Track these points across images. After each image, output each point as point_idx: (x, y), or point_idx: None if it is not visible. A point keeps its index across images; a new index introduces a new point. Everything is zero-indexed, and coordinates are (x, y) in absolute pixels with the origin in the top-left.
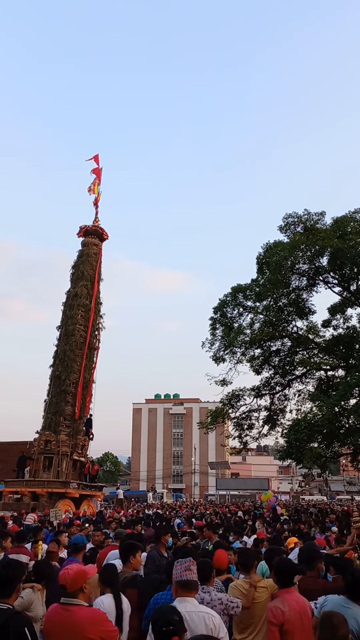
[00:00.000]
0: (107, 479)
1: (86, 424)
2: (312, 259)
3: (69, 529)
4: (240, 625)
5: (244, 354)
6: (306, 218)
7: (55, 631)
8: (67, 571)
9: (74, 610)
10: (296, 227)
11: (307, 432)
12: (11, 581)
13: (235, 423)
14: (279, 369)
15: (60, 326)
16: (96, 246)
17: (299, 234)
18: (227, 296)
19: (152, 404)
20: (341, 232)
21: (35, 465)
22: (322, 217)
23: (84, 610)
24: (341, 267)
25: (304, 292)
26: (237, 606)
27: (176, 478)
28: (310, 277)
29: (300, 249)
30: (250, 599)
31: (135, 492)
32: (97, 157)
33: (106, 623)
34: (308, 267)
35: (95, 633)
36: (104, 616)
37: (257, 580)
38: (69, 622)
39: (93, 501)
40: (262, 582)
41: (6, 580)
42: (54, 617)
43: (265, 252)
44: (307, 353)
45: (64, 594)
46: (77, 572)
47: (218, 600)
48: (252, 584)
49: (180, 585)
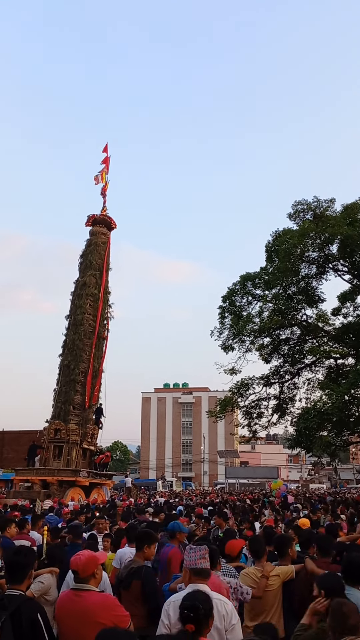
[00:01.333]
0: (117, 468)
1: (96, 412)
2: (321, 246)
3: (77, 516)
4: (252, 612)
5: (253, 343)
6: (315, 205)
7: (67, 616)
8: (79, 557)
9: (85, 595)
10: (305, 214)
11: (316, 420)
12: (22, 567)
13: (245, 412)
14: (288, 357)
15: (69, 315)
16: (104, 235)
17: (308, 222)
18: (236, 285)
19: (161, 393)
20: (351, 219)
21: (45, 453)
22: (331, 204)
23: (95, 596)
24: (351, 254)
25: (313, 280)
26: (246, 592)
27: (185, 467)
28: (319, 264)
29: (310, 236)
30: (262, 588)
31: (145, 480)
32: (106, 147)
33: (117, 608)
34: (317, 254)
35: (106, 618)
36: (116, 601)
37: (269, 570)
38: (80, 608)
39: (103, 489)
40: (275, 571)
41: (17, 567)
42: (66, 603)
43: (274, 240)
44: (316, 341)
45: (76, 579)
46: (89, 557)
47: (227, 584)
48: (264, 574)
49: (194, 572)
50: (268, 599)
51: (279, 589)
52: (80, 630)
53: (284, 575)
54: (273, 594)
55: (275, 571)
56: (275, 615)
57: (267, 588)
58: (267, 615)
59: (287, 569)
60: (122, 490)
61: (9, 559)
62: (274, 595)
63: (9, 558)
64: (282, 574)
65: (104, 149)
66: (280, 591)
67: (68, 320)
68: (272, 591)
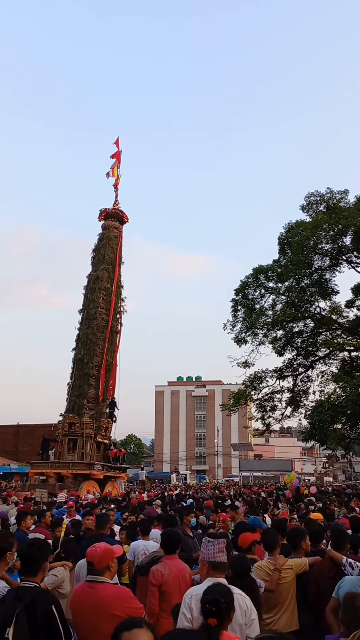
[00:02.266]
0: (131, 461)
1: (109, 406)
2: (335, 238)
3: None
4: (267, 605)
5: (266, 336)
6: (329, 197)
7: (81, 608)
8: (95, 549)
9: (100, 587)
10: (318, 206)
11: (330, 413)
12: (36, 560)
13: (258, 405)
14: (301, 350)
15: (82, 310)
16: (116, 229)
17: (321, 213)
18: (249, 277)
19: (175, 387)
20: None
21: (59, 447)
22: (345, 196)
23: (110, 588)
24: None
25: (326, 272)
26: (260, 586)
27: (199, 460)
28: (333, 256)
29: (323, 228)
30: (275, 582)
31: (159, 473)
32: (117, 141)
33: (132, 600)
34: (331, 246)
35: (121, 610)
36: (130, 593)
37: (281, 563)
38: (95, 600)
39: (117, 482)
40: (288, 563)
41: (32, 559)
42: (81, 595)
43: (287, 232)
44: (330, 334)
45: (91, 572)
46: (105, 550)
47: None
48: (277, 567)
49: (212, 566)
50: (282, 592)
51: (292, 582)
52: (95, 622)
53: (297, 567)
54: (287, 587)
55: (288, 564)
56: (290, 607)
57: (281, 581)
58: (281, 607)
59: (300, 561)
60: (136, 483)
61: (23, 552)
62: (287, 588)
63: (22, 550)
64: (296, 567)
65: (115, 143)
66: (294, 584)
67: (81, 314)
68: (285, 584)
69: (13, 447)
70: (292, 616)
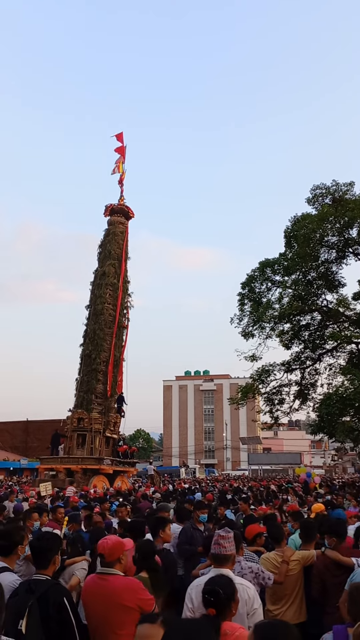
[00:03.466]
0: (140, 456)
1: (118, 401)
2: (341, 230)
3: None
4: (274, 597)
5: (273, 329)
6: (334, 189)
7: (92, 599)
8: (106, 541)
9: (111, 579)
10: (324, 198)
11: (339, 406)
12: (46, 552)
13: (266, 398)
14: (309, 343)
15: (89, 305)
16: (122, 225)
17: (327, 206)
18: (255, 271)
19: (183, 381)
20: None
21: (69, 442)
22: (351, 188)
23: (120, 579)
24: None
25: (333, 265)
26: (268, 578)
27: (208, 453)
28: (339, 249)
29: (329, 220)
30: (283, 574)
31: (168, 467)
32: (121, 135)
33: (142, 591)
34: (337, 239)
35: (132, 601)
36: (140, 585)
37: (289, 555)
38: (106, 591)
39: (126, 477)
40: (295, 555)
41: (41, 552)
42: (92, 587)
43: (293, 225)
44: (337, 326)
45: (102, 564)
46: (115, 542)
47: (248, 568)
48: (285, 560)
49: (212, 558)
50: (289, 584)
51: (299, 574)
52: (106, 613)
53: (305, 560)
54: (294, 579)
55: (296, 556)
56: (297, 599)
57: (288, 573)
58: (288, 599)
59: (308, 553)
60: (145, 477)
61: (33, 545)
62: (294, 580)
63: (33, 544)
64: (303, 559)
65: (119, 138)
66: (301, 576)
67: (88, 310)
68: (292, 576)
69: (22, 442)
70: (300, 608)
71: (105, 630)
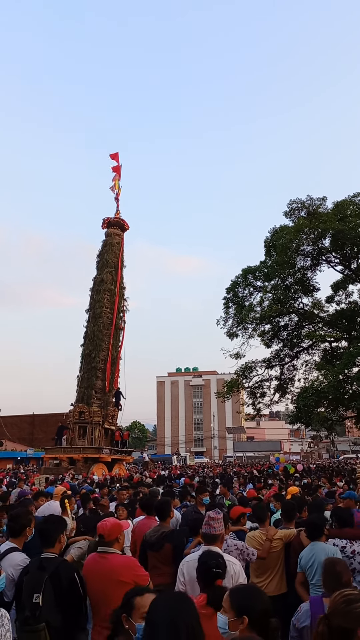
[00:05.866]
0: (136, 445)
1: (115, 395)
2: (315, 240)
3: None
4: (258, 571)
5: (255, 330)
6: (309, 203)
7: (93, 577)
8: (105, 523)
9: (110, 557)
10: (300, 212)
11: (314, 398)
12: (51, 532)
13: (249, 392)
14: (287, 342)
15: (89, 309)
16: (118, 236)
17: (302, 218)
18: (238, 277)
19: (174, 377)
20: (342, 215)
21: (71, 434)
22: (323, 202)
23: (119, 558)
24: (342, 247)
25: (308, 272)
26: (252, 554)
27: (197, 442)
28: (314, 257)
29: (304, 232)
30: (267, 551)
31: (161, 455)
32: (117, 155)
33: (138, 568)
34: (312, 248)
35: (129, 577)
36: (136, 562)
37: (272, 533)
38: (105, 569)
39: (124, 464)
40: (278, 534)
41: (47, 532)
42: (93, 565)
43: (272, 235)
44: (312, 327)
45: (102, 543)
46: (114, 524)
47: (234, 546)
48: (269, 538)
49: (202, 537)
50: (272, 560)
51: (281, 551)
52: (106, 589)
53: (286, 538)
54: (276, 555)
55: (279, 534)
56: (279, 573)
57: (272, 550)
58: (271, 573)
59: (289, 532)
60: (140, 465)
61: (40, 527)
62: (277, 556)
63: (39, 526)
64: (285, 537)
65: (115, 158)
66: (282, 552)
67: (88, 313)
68: (275, 552)
69: (29, 434)
70: (281, 580)
71: (105, 604)
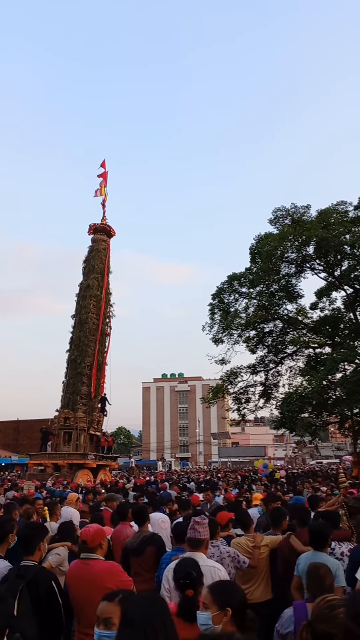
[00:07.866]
0: (121, 451)
1: (101, 401)
2: (299, 248)
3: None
4: (244, 578)
5: (240, 336)
6: (293, 211)
7: (77, 583)
8: (88, 529)
9: (93, 563)
10: (284, 219)
11: (298, 403)
12: (30, 539)
13: (234, 397)
14: (272, 348)
15: (75, 315)
16: (105, 242)
17: (287, 226)
18: (224, 284)
19: (160, 383)
20: (325, 223)
21: (56, 439)
22: (307, 210)
23: (102, 563)
24: (326, 254)
25: (292, 278)
26: (243, 562)
27: (183, 448)
28: (298, 264)
29: (289, 239)
30: (256, 559)
31: (147, 461)
32: (104, 163)
33: (122, 574)
34: (296, 255)
35: (113, 583)
36: (119, 568)
37: (259, 540)
38: (89, 575)
39: (109, 470)
40: (264, 541)
41: (27, 539)
42: (76, 571)
43: (257, 243)
44: (297, 333)
45: (85, 550)
46: (97, 530)
47: (227, 553)
48: (256, 545)
49: (187, 542)
50: (259, 566)
51: (267, 557)
52: (90, 594)
53: (272, 544)
54: (263, 562)
55: (265, 541)
56: (264, 580)
57: (259, 557)
58: (257, 580)
59: (275, 538)
60: (125, 470)
61: (20, 533)
62: (263, 562)
63: (20, 532)
64: (271, 543)
65: (102, 165)
66: (268, 558)
67: (74, 319)
68: (262, 559)
69: (14, 440)
70: (267, 587)
71: (89, 611)
